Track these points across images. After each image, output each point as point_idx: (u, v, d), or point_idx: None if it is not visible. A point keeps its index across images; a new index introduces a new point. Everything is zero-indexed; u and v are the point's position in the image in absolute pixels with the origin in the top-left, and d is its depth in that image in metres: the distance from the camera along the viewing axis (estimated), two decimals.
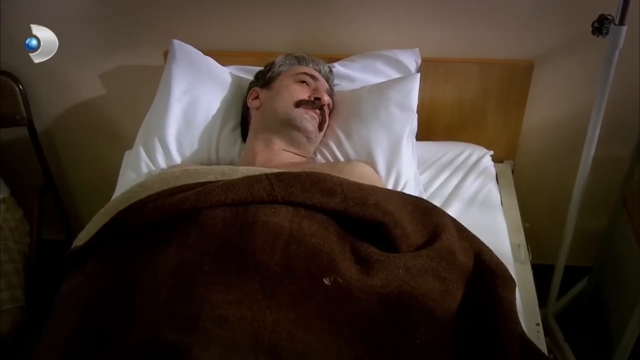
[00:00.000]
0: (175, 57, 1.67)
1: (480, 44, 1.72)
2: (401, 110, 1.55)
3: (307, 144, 1.49)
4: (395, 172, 1.50)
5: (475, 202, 1.55)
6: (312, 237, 1.07)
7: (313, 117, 1.48)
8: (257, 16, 1.78)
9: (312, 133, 1.48)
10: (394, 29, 1.75)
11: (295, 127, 1.46)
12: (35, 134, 2.08)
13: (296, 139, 1.47)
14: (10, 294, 1.59)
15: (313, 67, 1.60)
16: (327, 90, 1.57)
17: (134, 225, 1.18)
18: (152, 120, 1.62)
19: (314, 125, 1.48)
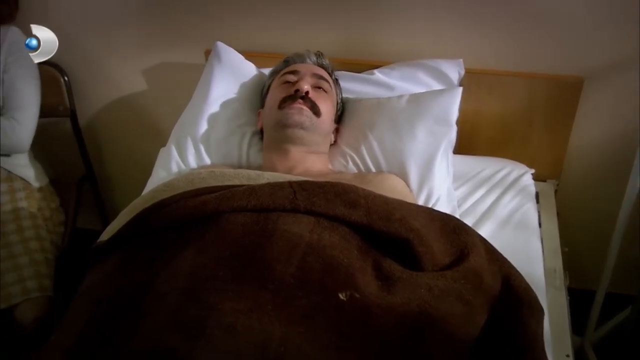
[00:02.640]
0: (217, 59, 1.68)
1: (527, 57, 1.65)
2: (439, 124, 1.50)
3: (308, 134, 1.44)
4: (427, 187, 1.45)
5: (510, 222, 1.49)
6: (331, 249, 1.04)
7: (299, 108, 1.44)
8: (299, 19, 1.77)
9: (305, 122, 1.43)
10: (437, 38, 1.70)
11: (284, 125, 1.44)
12: (77, 126, 2.11)
13: (293, 135, 1.44)
14: (37, 283, 1.60)
15: (298, 61, 1.58)
16: (312, 74, 1.53)
17: (156, 224, 1.17)
18: (186, 119, 1.63)
19: (304, 114, 1.44)
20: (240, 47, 1.74)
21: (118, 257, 1.17)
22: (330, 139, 1.55)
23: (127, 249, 1.18)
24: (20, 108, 1.76)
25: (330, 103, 1.51)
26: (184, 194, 1.20)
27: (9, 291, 1.56)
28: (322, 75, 1.54)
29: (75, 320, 1.06)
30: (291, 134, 1.44)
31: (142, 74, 2.00)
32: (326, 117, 1.48)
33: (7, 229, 1.68)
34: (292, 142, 1.44)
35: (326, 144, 1.52)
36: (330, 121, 1.51)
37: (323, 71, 1.56)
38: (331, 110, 1.52)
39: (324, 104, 1.48)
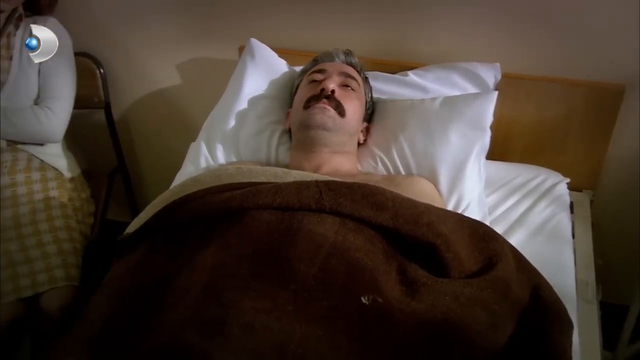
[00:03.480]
0: (250, 55, 1.68)
1: (566, 62, 1.61)
2: (473, 128, 1.47)
3: (332, 135, 1.41)
4: (458, 192, 1.42)
5: (542, 232, 1.45)
6: (356, 251, 1.02)
7: (322, 108, 1.41)
8: (335, 18, 1.75)
9: (327, 123, 1.40)
10: (474, 41, 1.67)
11: (308, 126, 1.42)
12: (111, 118, 2.12)
13: (316, 136, 1.41)
14: (65, 272, 1.61)
15: (327, 60, 1.56)
16: (340, 72, 1.50)
17: (181, 219, 1.18)
18: (217, 115, 1.64)
19: (326, 114, 1.41)
20: (274, 44, 1.74)
21: (142, 250, 1.18)
22: (358, 139, 1.52)
23: (151, 242, 1.19)
24: (55, 98, 1.78)
25: (357, 102, 1.48)
26: (210, 189, 1.20)
27: (36, 279, 1.58)
28: (350, 74, 1.51)
29: (96, 312, 1.06)
30: (314, 135, 1.41)
31: (177, 69, 2.01)
32: (352, 116, 1.45)
33: (37, 217, 1.69)
34: (316, 143, 1.42)
35: (353, 143, 1.50)
36: (357, 120, 1.48)
37: (352, 69, 1.54)
38: (358, 110, 1.49)
39: (350, 103, 1.45)
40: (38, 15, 1.84)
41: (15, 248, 1.61)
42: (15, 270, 1.58)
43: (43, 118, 1.75)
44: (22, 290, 1.56)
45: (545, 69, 1.63)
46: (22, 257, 1.60)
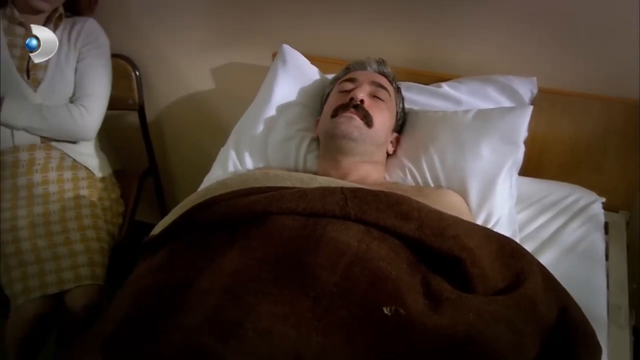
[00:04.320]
0: (282, 62, 1.68)
1: (605, 79, 1.57)
2: (506, 143, 1.44)
3: (358, 145, 1.39)
4: (487, 207, 1.39)
5: (574, 252, 1.41)
6: (379, 261, 1.00)
7: (349, 117, 1.39)
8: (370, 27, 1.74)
9: (353, 133, 1.38)
10: (510, 54, 1.64)
11: (334, 135, 1.40)
12: (144, 120, 2.14)
13: (342, 145, 1.39)
14: (91, 271, 1.62)
15: (358, 69, 1.54)
16: (371, 82, 1.48)
17: (205, 221, 1.17)
18: (247, 120, 1.64)
19: (353, 124, 1.39)
20: (307, 50, 1.74)
21: (166, 252, 1.18)
22: (387, 149, 1.50)
23: (175, 244, 1.19)
24: (90, 96, 1.80)
25: (387, 112, 1.46)
26: (236, 192, 1.20)
27: (62, 276, 1.59)
28: (381, 84, 1.49)
29: (116, 312, 1.06)
30: (340, 144, 1.40)
31: (210, 73, 2.02)
32: (380, 127, 1.43)
33: (67, 215, 1.71)
34: (342, 153, 1.41)
35: (381, 153, 1.48)
36: (385, 131, 1.46)
37: (383, 79, 1.52)
38: (388, 120, 1.47)
39: (379, 114, 1.43)
40: (77, 16, 1.87)
41: (44, 245, 1.63)
42: (43, 267, 1.59)
43: (77, 116, 1.77)
44: (48, 287, 1.58)
45: (583, 85, 1.59)
46: (50, 254, 1.62)
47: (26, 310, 1.55)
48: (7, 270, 1.59)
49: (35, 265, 1.59)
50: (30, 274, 1.57)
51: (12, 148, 1.76)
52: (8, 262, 1.60)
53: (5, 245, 1.62)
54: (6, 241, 1.62)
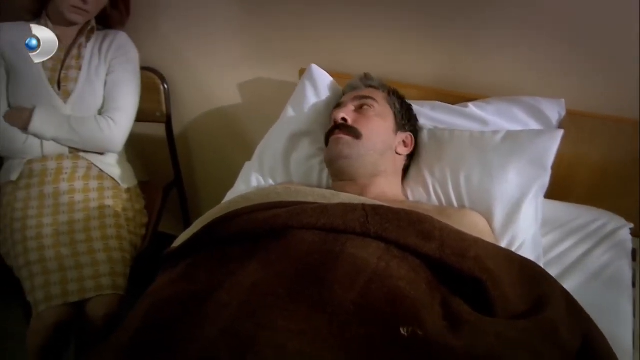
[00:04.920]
0: (310, 80, 1.70)
1: (635, 103, 1.54)
2: (533, 166, 1.42)
3: (355, 161, 1.40)
4: (512, 230, 1.37)
5: (599, 278, 1.37)
6: (398, 279, 0.99)
7: (336, 139, 1.41)
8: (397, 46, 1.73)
9: (343, 151, 1.39)
10: (538, 75, 1.61)
11: (330, 161, 1.43)
12: (171, 132, 2.16)
13: (340, 166, 1.41)
14: (112, 281, 1.63)
15: (348, 91, 1.57)
16: (354, 97, 1.50)
17: (226, 234, 1.18)
18: (272, 136, 1.66)
19: (341, 143, 1.40)
20: (334, 68, 1.74)
21: (186, 263, 1.18)
22: (393, 153, 1.47)
23: (195, 256, 1.19)
24: (118, 109, 1.83)
25: (377, 118, 1.46)
26: (257, 206, 1.20)
27: (84, 285, 1.60)
28: (365, 95, 1.50)
29: (134, 322, 1.06)
30: (338, 166, 1.42)
31: (238, 87, 2.03)
32: (371, 133, 1.42)
33: (91, 224, 1.73)
34: (345, 173, 1.42)
35: (389, 161, 1.46)
36: (381, 135, 1.44)
37: (369, 90, 1.53)
38: (381, 124, 1.45)
39: (367, 122, 1.43)
40: (109, 29, 1.91)
41: (67, 253, 1.64)
42: (65, 275, 1.60)
43: (105, 128, 1.79)
44: (69, 295, 1.59)
45: (612, 108, 1.56)
46: (73, 263, 1.63)
47: (47, 318, 1.56)
48: (31, 277, 1.60)
49: (58, 273, 1.60)
50: (52, 282, 1.59)
51: (41, 157, 1.79)
52: (32, 269, 1.61)
53: (30, 252, 1.64)
54: (31, 248, 1.64)
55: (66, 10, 1.72)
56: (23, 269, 1.63)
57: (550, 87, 1.60)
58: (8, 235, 1.71)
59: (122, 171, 1.92)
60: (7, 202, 1.77)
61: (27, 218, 1.70)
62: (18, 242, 1.66)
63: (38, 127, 1.74)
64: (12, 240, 1.69)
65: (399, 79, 1.75)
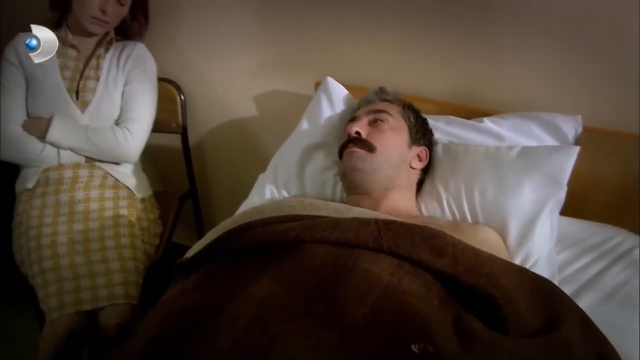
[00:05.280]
0: (325, 93, 1.71)
1: None
2: (549, 182, 1.41)
3: (369, 174, 1.40)
4: (526, 247, 1.35)
5: (615, 297, 1.35)
6: (410, 295, 0.99)
7: (350, 152, 1.42)
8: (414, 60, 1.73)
9: (357, 164, 1.40)
10: (554, 91, 1.61)
11: (344, 174, 1.44)
12: (187, 143, 2.17)
13: (354, 180, 1.42)
14: (124, 290, 1.64)
15: (364, 105, 1.57)
16: (368, 112, 1.50)
17: (239, 246, 1.18)
18: (286, 148, 1.66)
19: (355, 156, 1.41)
20: (350, 81, 1.75)
21: (199, 274, 1.18)
22: (407, 167, 1.47)
23: (208, 267, 1.19)
24: (135, 120, 1.84)
25: (392, 132, 1.46)
26: (270, 219, 1.20)
27: (97, 294, 1.61)
28: (380, 108, 1.50)
29: (145, 332, 1.06)
30: (352, 180, 1.42)
31: (254, 99, 2.04)
32: (385, 147, 1.42)
33: (105, 233, 1.74)
34: (359, 187, 1.42)
35: (403, 175, 1.46)
36: (395, 149, 1.45)
37: (383, 104, 1.53)
38: (395, 138, 1.46)
39: (381, 136, 1.43)
40: (128, 40, 1.93)
41: (81, 261, 1.65)
42: (79, 283, 1.61)
43: (121, 138, 1.81)
44: (82, 303, 1.59)
45: (630, 125, 1.54)
46: (87, 271, 1.64)
47: (60, 326, 1.57)
48: (45, 285, 1.61)
49: (71, 281, 1.61)
50: (66, 290, 1.60)
51: (58, 166, 1.81)
52: (46, 277, 1.62)
53: (44, 260, 1.65)
54: (45, 256, 1.65)
55: (86, 21, 1.75)
56: (37, 276, 1.64)
57: (566, 103, 1.59)
58: (23, 242, 1.72)
59: (137, 181, 1.93)
60: (22, 210, 1.79)
61: (43, 226, 1.72)
62: (33, 250, 1.68)
63: (55, 136, 1.76)
64: (27, 247, 1.70)
65: (415, 92, 1.75)
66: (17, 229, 1.78)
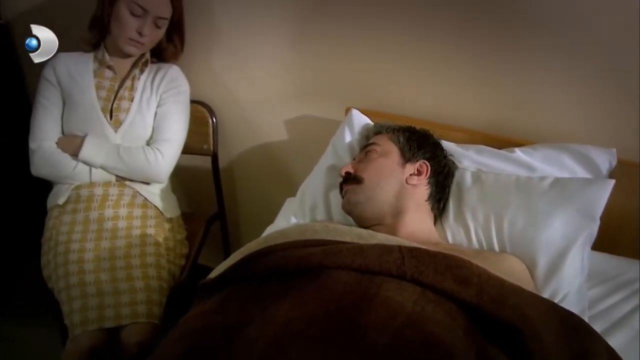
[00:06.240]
0: (349, 124, 1.72)
1: None
2: (582, 215, 1.38)
3: (365, 205, 1.43)
4: (556, 281, 1.32)
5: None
6: (434, 325, 0.96)
7: (344, 193, 1.48)
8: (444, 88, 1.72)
9: (351, 199, 1.44)
10: (587, 123, 1.58)
11: (347, 212, 1.47)
12: (217, 165, 2.18)
13: (356, 215, 1.45)
14: (147, 309, 1.64)
15: (363, 142, 1.61)
16: (361, 150, 1.56)
17: (261, 269, 1.17)
18: (314, 175, 1.68)
19: (348, 192, 1.46)
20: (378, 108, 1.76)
21: (220, 296, 1.17)
22: (408, 187, 1.45)
23: (230, 289, 1.18)
24: (166, 141, 1.86)
25: (380, 157, 1.48)
26: (293, 243, 1.19)
27: (120, 312, 1.61)
28: (369, 143, 1.54)
29: (165, 350, 1.06)
30: (355, 215, 1.45)
31: (284, 124, 2.05)
32: (372, 174, 1.44)
33: (132, 252, 1.75)
34: (366, 221, 1.44)
35: (404, 195, 1.44)
36: (383, 171, 1.46)
37: (374, 137, 1.57)
38: (383, 162, 1.47)
39: (367, 166, 1.47)
40: (163, 62, 1.96)
41: (106, 279, 1.66)
42: (103, 301, 1.62)
43: (152, 159, 1.82)
44: (105, 321, 1.60)
45: None
46: (111, 289, 1.65)
47: (82, 342, 1.57)
48: (69, 300, 1.63)
49: (96, 297, 1.62)
50: (90, 306, 1.61)
51: (89, 183, 1.83)
52: (71, 292, 1.63)
53: (70, 275, 1.66)
54: (72, 272, 1.67)
55: (123, 42, 1.78)
56: (63, 291, 1.65)
57: (600, 135, 1.56)
58: (51, 257, 1.74)
59: (166, 201, 1.94)
60: (52, 225, 1.81)
61: (71, 242, 1.73)
62: (60, 265, 1.69)
63: (88, 154, 1.79)
64: (54, 262, 1.72)
65: (446, 121, 1.75)
66: (46, 244, 1.80)
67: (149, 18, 1.76)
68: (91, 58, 1.88)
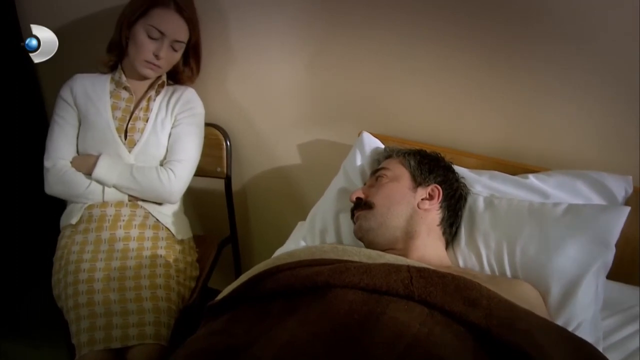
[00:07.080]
0: (360, 148, 1.72)
1: None
2: (596, 243, 1.35)
3: (376, 231, 1.40)
4: (569, 309, 1.29)
5: None
6: (441, 348, 0.94)
7: (356, 219, 1.45)
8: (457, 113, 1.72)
9: (362, 226, 1.42)
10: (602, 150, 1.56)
11: (359, 238, 1.46)
12: (230, 188, 2.18)
13: (369, 239, 1.42)
14: (155, 330, 1.63)
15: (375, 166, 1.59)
16: (372, 175, 1.54)
17: (268, 289, 1.16)
18: (325, 199, 1.67)
19: (360, 219, 1.43)
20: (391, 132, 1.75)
21: (226, 317, 1.17)
22: (419, 211, 1.43)
23: (236, 310, 1.18)
24: (179, 162, 1.87)
25: (391, 182, 1.46)
26: (300, 262, 1.19)
27: (127, 332, 1.60)
28: (380, 168, 1.53)
29: None
30: (368, 241, 1.43)
31: (297, 148, 2.05)
32: (383, 200, 1.42)
33: (141, 272, 1.74)
34: (378, 245, 1.40)
35: (416, 220, 1.41)
36: (395, 196, 1.43)
37: (385, 162, 1.55)
38: (394, 187, 1.45)
39: (377, 191, 1.45)
40: (178, 85, 1.98)
41: (115, 298, 1.65)
42: (111, 321, 1.61)
43: (165, 179, 1.83)
44: (112, 341, 1.59)
45: None
46: (119, 309, 1.64)
47: None
48: (77, 319, 1.62)
49: (104, 317, 1.61)
50: (98, 326, 1.59)
51: (101, 203, 1.84)
52: (79, 312, 1.63)
53: (80, 295, 1.65)
54: (81, 291, 1.66)
55: (139, 65, 1.80)
56: (71, 310, 1.64)
57: (615, 162, 1.54)
58: (61, 276, 1.74)
59: (178, 223, 1.94)
60: (64, 245, 1.81)
61: (82, 261, 1.73)
62: (70, 284, 1.69)
63: (101, 173, 1.80)
64: (64, 281, 1.71)
65: (459, 147, 1.74)
66: (57, 263, 1.80)
67: (166, 41, 1.78)
68: (108, 79, 1.90)
